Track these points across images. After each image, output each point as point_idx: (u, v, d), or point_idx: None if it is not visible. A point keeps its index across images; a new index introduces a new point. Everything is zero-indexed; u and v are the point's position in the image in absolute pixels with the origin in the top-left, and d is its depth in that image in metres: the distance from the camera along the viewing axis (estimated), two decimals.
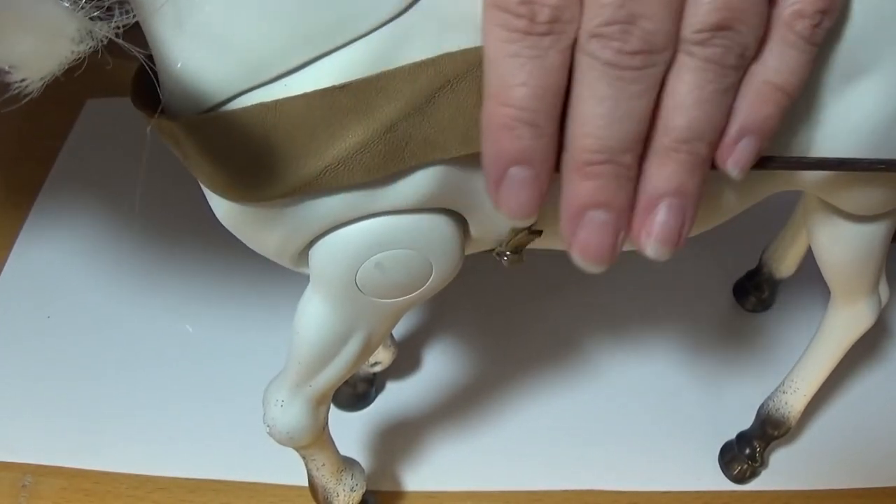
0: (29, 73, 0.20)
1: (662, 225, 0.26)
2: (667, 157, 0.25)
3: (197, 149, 0.26)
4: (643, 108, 0.24)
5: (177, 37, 0.24)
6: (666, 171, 0.25)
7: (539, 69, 0.24)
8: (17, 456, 0.47)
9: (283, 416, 0.34)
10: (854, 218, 0.35)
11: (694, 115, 0.25)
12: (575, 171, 0.25)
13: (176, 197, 0.57)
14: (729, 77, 0.25)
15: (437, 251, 0.29)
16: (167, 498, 0.45)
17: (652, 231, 0.26)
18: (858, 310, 0.40)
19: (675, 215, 0.26)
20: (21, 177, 0.62)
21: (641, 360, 0.52)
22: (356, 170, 0.25)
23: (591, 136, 0.24)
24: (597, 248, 0.26)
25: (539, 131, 0.24)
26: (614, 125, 0.24)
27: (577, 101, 0.24)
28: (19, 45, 0.19)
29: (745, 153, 0.26)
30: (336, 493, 0.39)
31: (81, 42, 0.20)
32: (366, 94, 0.25)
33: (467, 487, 0.46)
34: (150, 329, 0.53)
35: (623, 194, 0.25)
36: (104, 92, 0.67)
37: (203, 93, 0.25)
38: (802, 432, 0.48)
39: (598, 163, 0.25)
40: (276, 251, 0.29)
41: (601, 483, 0.46)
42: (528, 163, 0.25)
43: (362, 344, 0.32)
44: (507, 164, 0.25)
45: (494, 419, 0.49)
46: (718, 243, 0.56)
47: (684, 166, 0.25)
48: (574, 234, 0.26)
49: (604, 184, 0.25)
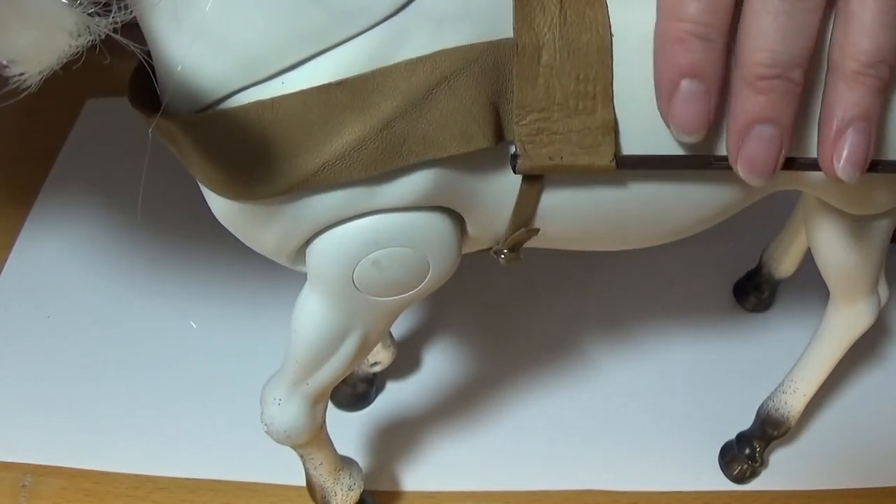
0: (27, 67, 0.20)
1: (854, 147, 0.27)
2: (856, 81, 0.26)
3: (194, 147, 0.26)
4: (814, 23, 0.25)
5: (174, 34, 0.25)
6: (854, 95, 0.26)
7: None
8: (17, 456, 0.47)
9: (281, 414, 0.34)
10: (853, 218, 0.35)
11: (882, 39, 0.25)
12: (747, 85, 0.26)
13: (176, 197, 0.57)
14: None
15: (434, 249, 0.29)
16: (167, 498, 0.45)
17: (842, 154, 0.27)
18: (858, 310, 0.40)
19: (863, 137, 0.27)
20: (21, 176, 0.62)
21: (641, 359, 0.52)
22: (353, 167, 0.25)
23: (765, 49, 0.25)
24: (763, 163, 0.27)
25: (712, 45, 0.25)
26: (788, 40, 0.25)
27: (751, 15, 0.25)
28: (18, 38, 0.19)
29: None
30: (334, 493, 0.39)
31: (79, 36, 0.20)
32: (362, 90, 0.25)
33: (467, 487, 0.46)
34: (149, 329, 0.53)
35: (791, 110, 0.26)
36: (104, 92, 0.67)
37: (201, 90, 0.25)
38: (802, 432, 0.48)
39: (771, 77, 0.25)
40: (274, 249, 0.29)
41: (601, 483, 0.46)
42: (700, 76, 0.25)
43: (359, 342, 0.32)
44: (680, 77, 0.25)
45: (494, 419, 0.49)
46: (718, 243, 0.56)
47: (871, 89, 0.26)
48: (741, 147, 0.27)
49: (775, 98, 0.26)
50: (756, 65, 0.25)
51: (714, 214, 0.32)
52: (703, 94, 0.26)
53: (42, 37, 0.20)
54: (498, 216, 0.29)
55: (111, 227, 0.59)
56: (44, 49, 0.20)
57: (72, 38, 0.20)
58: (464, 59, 0.25)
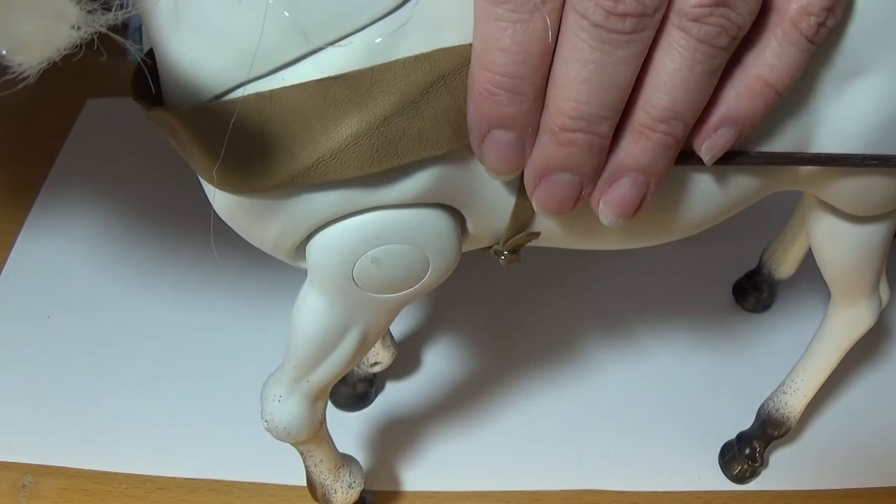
0: (27, 57, 0.20)
1: (622, 197, 0.26)
2: (641, 135, 0.25)
3: (193, 139, 0.26)
4: (627, 75, 0.24)
5: (175, 30, 0.25)
6: (638, 148, 0.25)
7: (522, 34, 0.23)
8: (17, 456, 0.47)
9: (281, 411, 0.34)
10: (853, 219, 0.35)
11: (678, 95, 0.24)
12: (549, 133, 0.25)
13: (176, 197, 0.58)
14: (718, 59, 0.24)
15: (433, 246, 0.29)
16: (167, 498, 0.45)
17: (610, 201, 0.26)
18: (859, 310, 0.40)
19: (637, 190, 0.26)
20: (21, 176, 0.62)
21: (641, 360, 0.52)
22: (349, 163, 0.25)
23: (570, 100, 0.24)
24: (558, 203, 0.26)
25: (520, 98, 0.24)
26: (595, 91, 0.24)
27: (560, 62, 0.24)
28: (19, 28, 0.19)
29: (723, 141, 0.26)
30: (334, 490, 0.39)
31: (80, 28, 0.20)
32: (360, 86, 0.25)
33: (467, 487, 0.46)
34: (149, 329, 0.53)
35: (593, 162, 0.25)
36: (104, 92, 0.67)
37: (201, 85, 0.25)
38: (802, 432, 0.48)
39: (574, 130, 0.24)
40: (274, 245, 0.29)
41: (601, 483, 0.46)
42: (509, 127, 0.25)
43: (359, 339, 0.32)
44: (489, 127, 0.25)
45: (494, 419, 0.49)
46: (718, 243, 0.56)
47: (658, 145, 0.25)
48: (537, 186, 0.26)
49: (576, 151, 0.25)
50: (560, 114, 0.24)
51: (714, 214, 0.31)
52: (513, 141, 0.25)
53: (42, 27, 0.20)
54: (498, 213, 0.29)
55: (111, 227, 0.59)
56: (44, 39, 0.20)
57: (72, 30, 0.20)
58: (461, 58, 0.25)
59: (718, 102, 0.26)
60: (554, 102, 0.24)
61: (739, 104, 0.26)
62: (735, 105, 0.26)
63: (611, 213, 0.26)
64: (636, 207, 0.26)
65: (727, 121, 0.26)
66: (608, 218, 0.27)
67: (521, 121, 0.25)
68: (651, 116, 0.25)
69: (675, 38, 0.24)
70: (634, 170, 0.26)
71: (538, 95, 0.24)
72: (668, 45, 0.24)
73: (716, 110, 0.26)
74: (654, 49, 0.24)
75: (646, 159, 0.25)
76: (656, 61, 0.24)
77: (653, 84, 0.24)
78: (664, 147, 0.25)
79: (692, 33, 0.23)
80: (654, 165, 0.26)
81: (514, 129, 0.25)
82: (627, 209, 0.26)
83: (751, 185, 0.30)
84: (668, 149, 0.25)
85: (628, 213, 0.26)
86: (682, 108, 0.25)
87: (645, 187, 0.26)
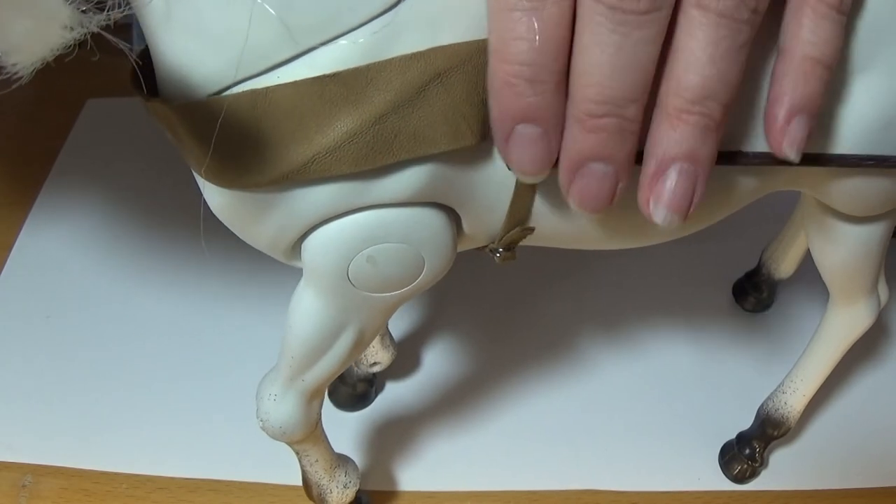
0: (21, 57, 0.20)
1: (672, 191, 0.25)
2: (678, 119, 0.24)
3: (190, 133, 0.26)
4: (649, 56, 0.24)
5: (169, 29, 0.25)
6: (677, 133, 0.25)
7: (537, 21, 0.23)
8: (17, 456, 0.47)
9: (276, 410, 0.34)
10: (852, 219, 0.34)
11: (708, 73, 0.24)
12: (577, 122, 0.24)
13: (176, 197, 0.58)
14: (743, 33, 0.24)
15: (429, 245, 0.29)
16: (167, 498, 0.45)
17: (661, 197, 0.25)
18: (858, 310, 0.40)
19: (685, 181, 0.25)
20: (21, 176, 0.62)
21: (641, 359, 0.52)
22: (344, 160, 0.25)
23: (593, 85, 0.23)
24: (595, 197, 0.25)
25: (541, 87, 0.24)
26: (618, 74, 0.23)
27: (580, 49, 0.23)
28: (12, 28, 0.19)
29: (800, 133, 0.26)
30: (329, 490, 0.39)
31: (73, 29, 0.20)
32: (356, 84, 0.25)
33: (466, 487, 0.46)
34: (149, 329, 0.53)
35: (626, 148, 0.25)
36: (104, 92, 0.67)
37: (197, 84, 0.25)
38: (802, 432, 0.48)
39: (602, 115, 0.24)
40: (269, 244, 0.29)
41: (600, 483, 0.46)
42: (533, 120, 0.24)
43: (355, 338, 0.32)
44: (513, 122, 0.24)
45: (494, 419, 0.49)
46: (718, 243, 0.56)
47: (697, 128, 0.24)
48: (572, 182, 0.25)
49: (606, 137, 0.24)
50: (585, 101, 0.24)
51: (711, 214, 0.32)
52: (539, 136, 0.24)
53: (35, 27, 0.20)
54: (493, 213, 0.29)
55: (111, 226, 0.59)
56: (38, 40, 0.20)
57: (65, 30, 0.20)
58: (457, 57, 0.25)
59: (780, 96, 0.25)
60: (578, 90, 0.24)
61: (798, 89, 0.25)
62: (795, 92, 0.25)
63: (664, 210, 0.25)
64: (689, 201, 0.25)
65: (795, 109, 0.25)
66: (662, 215, 0.25)
67: (544, 111, 0.24)
68: (685, 99, 0.24)
69: (695, 16, 0.23)
70: (678, 159, 0.25)
71: (559, 84, 0.24)
72: (688, 26, 0.24)
73: (780, 105, 0.25)
74: (677, 32, 0.24)
75: (687, 145, 0.25)
76: (681, 43, 0.24)
77: (681, 67, 0.24)
78: (703, 129, 0.25)
79: (711, 9, 0.23)
80: (697, 151, 0.25)
81: (538, 123, 0.24)
82: (680, 203, 0.25)
83: (748, 186, 0.30)
84: (709, 131, 0.25)
85: (682, 209, 0.25)
86: (714, 85, 0.24)
87: (693, 177, 0.25)
